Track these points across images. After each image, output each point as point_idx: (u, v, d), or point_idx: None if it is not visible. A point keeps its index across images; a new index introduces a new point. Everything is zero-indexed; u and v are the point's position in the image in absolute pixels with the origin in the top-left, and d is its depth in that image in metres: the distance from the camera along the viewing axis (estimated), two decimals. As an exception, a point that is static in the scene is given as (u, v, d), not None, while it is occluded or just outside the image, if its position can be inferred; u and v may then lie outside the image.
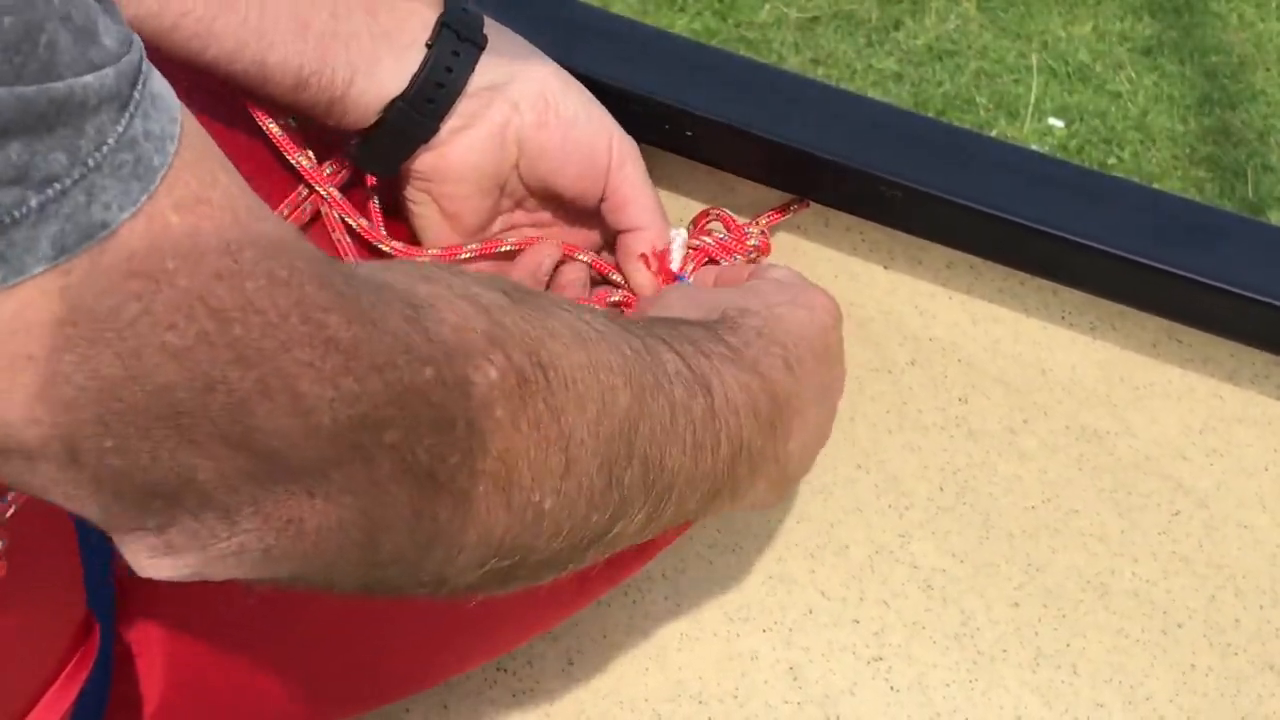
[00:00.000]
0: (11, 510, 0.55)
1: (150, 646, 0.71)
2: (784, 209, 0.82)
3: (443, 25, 0.69)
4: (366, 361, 0.40)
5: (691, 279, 0.77)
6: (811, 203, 0.82)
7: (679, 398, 0.51)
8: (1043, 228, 0.75)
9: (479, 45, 0.70)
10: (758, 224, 0.80)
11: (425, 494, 0.42)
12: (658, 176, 0.84)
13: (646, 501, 0.50)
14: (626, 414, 0.48)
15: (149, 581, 0.69)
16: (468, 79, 0.69)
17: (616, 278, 0.78)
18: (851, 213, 0.80)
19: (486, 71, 0.70)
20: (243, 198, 0.39)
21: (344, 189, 0.76)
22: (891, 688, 0.91)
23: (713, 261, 0.79)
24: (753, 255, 0.79)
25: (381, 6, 0.67)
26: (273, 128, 0.73)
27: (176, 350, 0.36)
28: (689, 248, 0.79)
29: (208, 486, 0.39)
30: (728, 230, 0.80)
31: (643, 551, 0.86)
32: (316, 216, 0.76)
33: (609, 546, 0.51)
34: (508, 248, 0.76)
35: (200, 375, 0.36)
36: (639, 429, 0.49)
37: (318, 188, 0.74)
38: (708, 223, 0.80)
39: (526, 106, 0.71)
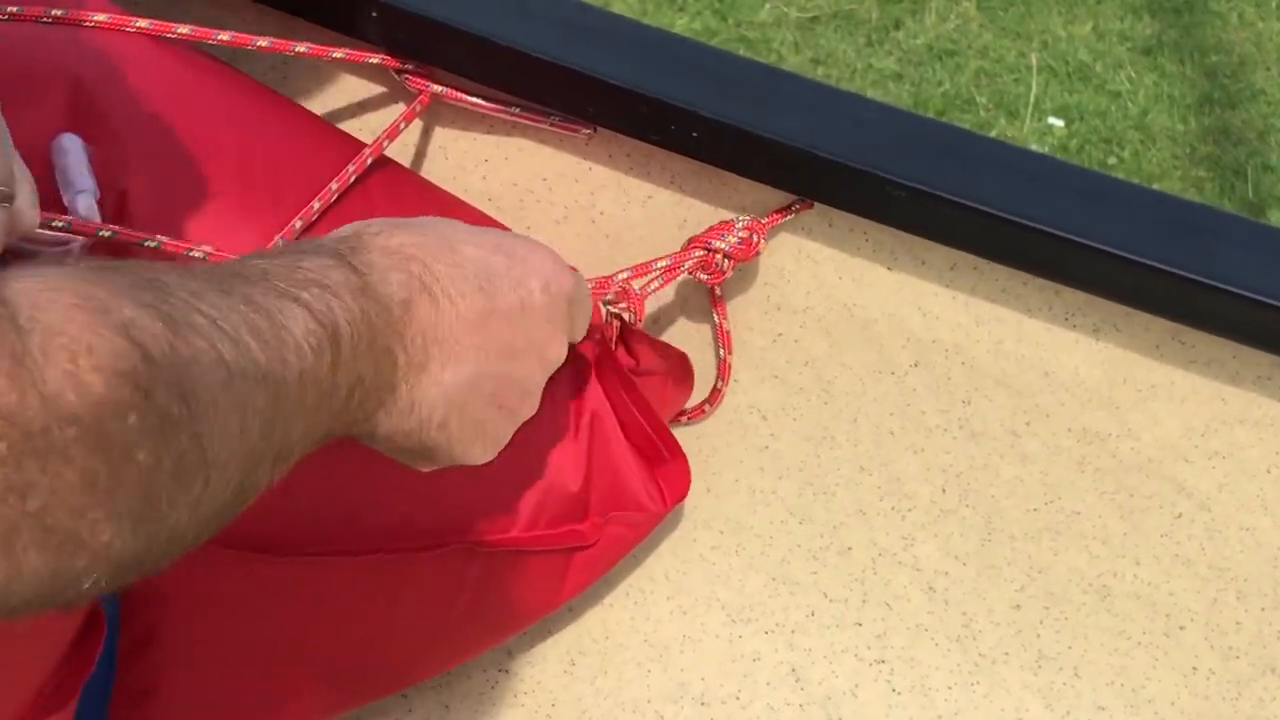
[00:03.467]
0: None
1: (157, 638, 0.71)
2: (786, 209, 0.82)
3: None
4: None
5: None
6: (815, 204, 0.82)
7: (310, 368, 0.50)
8: (1046, 228, 0.75)
9: None
10: (747, 216, 0.81)
11: (63, 556, 0.40)
12: (664, 177, 0.84)
13: (272, 474, 0.50)
14: (264, 418, 0.47)
15: (155, 575, 0.69)
16: None
17: None
18: (855, 213, 0.80)
19: None
20: None
21: None
22: (893, 690, 0.91)
23: (709, 253, 0.80)
24: (742, 235, 0.80)
25: None
26: None
27: None
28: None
29: None
30: (721, 224, 0.80)
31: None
32: None
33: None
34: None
35: None
36: (274, 427, 0.48)
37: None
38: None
39: None
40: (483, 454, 0.64)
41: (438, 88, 0.81)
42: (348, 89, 0.86)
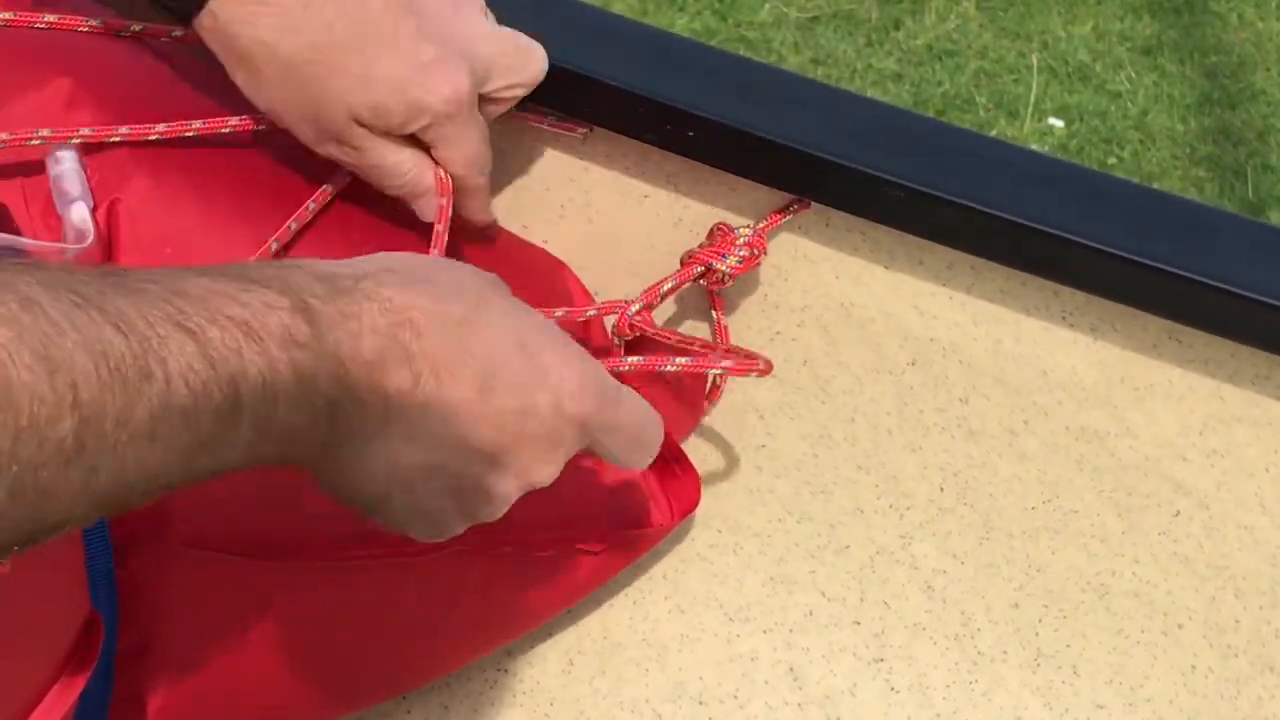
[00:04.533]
0: None
1: (154, 645, 0.71)
2: (784, 210, 0.82)
3: None
4: None
5: None
6: (812, 203, 0.82)
7: (180, 405, 0.44)
8: (1044, 228, 0.75)
9: None
10: (751, 226, 0.80)
11: None
12: (659, 177, 0.84)
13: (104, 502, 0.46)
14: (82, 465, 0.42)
15: (153, 580, 0.69)
16: None
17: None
18: (852, 213, 0.80)
19: None
20: None
21: None
22: (892, 689, 0.91)
23: (709, 270, 0.79)
24: (743, 254, 0.79)
25: None
26: None
27: None
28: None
29: None
30: (722, 235, 0.80)
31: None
32: None
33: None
34: None
35: None
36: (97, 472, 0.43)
37: None
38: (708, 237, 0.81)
39: None
40: (420, 534, 0.58)
41: None
42: None
